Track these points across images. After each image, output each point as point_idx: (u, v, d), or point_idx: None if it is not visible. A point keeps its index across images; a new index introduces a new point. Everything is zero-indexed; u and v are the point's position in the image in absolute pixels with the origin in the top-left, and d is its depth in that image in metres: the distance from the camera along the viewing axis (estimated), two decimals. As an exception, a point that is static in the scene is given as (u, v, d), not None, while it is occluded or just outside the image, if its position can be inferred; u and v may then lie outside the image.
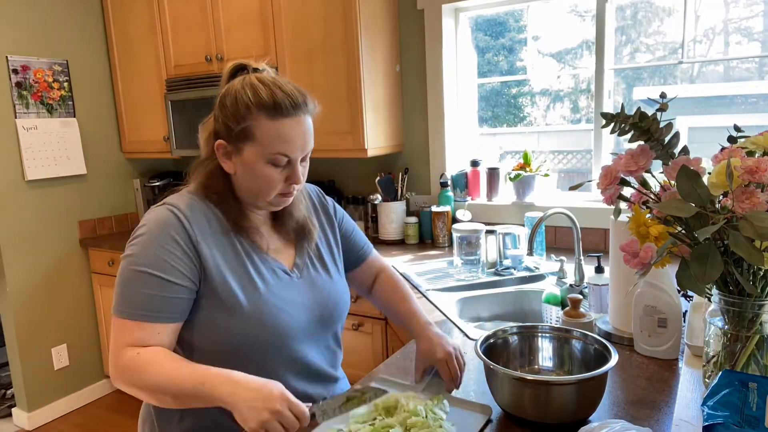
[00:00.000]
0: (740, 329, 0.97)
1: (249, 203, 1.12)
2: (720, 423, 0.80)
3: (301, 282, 1.15)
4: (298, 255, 1.18)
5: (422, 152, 2.74)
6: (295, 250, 1.19)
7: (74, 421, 3.07)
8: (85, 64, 3.17)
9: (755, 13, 2.20)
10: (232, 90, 1.05)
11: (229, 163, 1.07)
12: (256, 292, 1.06)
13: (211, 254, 1.04)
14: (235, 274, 1.06)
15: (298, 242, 1.19)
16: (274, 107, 1.01)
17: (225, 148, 1.06)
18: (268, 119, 1.02)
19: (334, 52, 2.45)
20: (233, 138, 1.04)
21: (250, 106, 1.02)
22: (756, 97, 2.32)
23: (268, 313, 1.06)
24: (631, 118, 1.00)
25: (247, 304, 1.05)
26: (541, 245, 2.24)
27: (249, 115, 1.02)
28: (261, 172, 1.04)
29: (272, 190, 1.06)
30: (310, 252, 1.20)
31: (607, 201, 1.06)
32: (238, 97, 1.03)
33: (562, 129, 2.72)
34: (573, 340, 1.16)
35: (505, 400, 1.06)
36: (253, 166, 1.04)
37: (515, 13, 2.64)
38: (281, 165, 1.05)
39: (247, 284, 1.06)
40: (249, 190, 1.08)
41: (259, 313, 1.05)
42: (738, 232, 0.82)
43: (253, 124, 1.02)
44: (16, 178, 2.89)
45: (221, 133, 1.06)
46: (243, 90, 1.03)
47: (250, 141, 1.03)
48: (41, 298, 3.03)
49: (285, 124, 1.02)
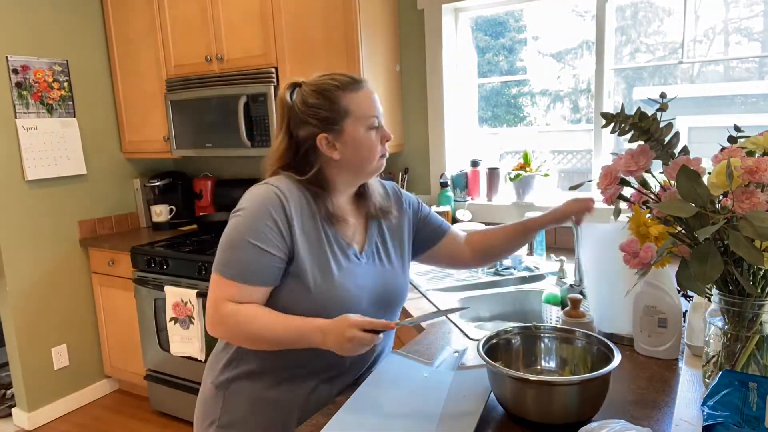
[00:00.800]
0: (740, 329, 0.97)
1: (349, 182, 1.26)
2: (720, 423, 0.80)
3: (367, 266, 1.27)
4: (367, 241, 1.30)
5: (422, 152, 2.75)
6: (366, 235, 1.30)
7: (74, 421, 3.07)
8: (85, 64, 3.17)
9: (755, 13, 2.20)
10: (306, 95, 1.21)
11: (335, 151, 1.21)
12: (329, 275, 1.19)
13: (301, 234, 1.18)
14: (316, 257, 1.19)
15: (369, 228, 1.31)
16: (352, 83, 1.20)
17: (326, 139, 1.20)
18: (354, 93, 1.20)
19: (334, 51, 2.45)
20: (331, 123, 1.19)
21: (337, 90, 1.19)
22: (756, 97, 2.32)
23: (336, 293, 1.20)
24: (631, 118, 1.00)
25: (320, 284, 1.18)
26: (541, 245, 2.24)
27: (339, 97, 1.19)
28: (365, 139, 1.21)
29: (376, 152, 1.23)
30: (377, 240, 1.32)
31: (607, 201, 1.06)
32: (322, 90, 1.20)
33: (562, 129, 2.72)
34: (575, 340, 1.16)
35: (507, 400, 1.06)
36: (357, 137, 1.20)
37: (515, 13, 2.64)
38: (375, 127, 1.22)
39: (323, 267, 1.19)
40: (356, 163, 1.22)
41: (329, 293, 1.19)
42: (738, 232, 0.82)
43: (345, 102, 1.19)
44: (16, 178, 2.89)
45: (318, 127, 1.20)
46: (319, 88, 1.20)
47: (348, 117, 1.19)
48: (41, 298, 3.03)
49: (366, 93, 1.22)
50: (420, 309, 1.76)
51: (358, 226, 1.30)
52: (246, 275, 1.14)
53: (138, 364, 3.10)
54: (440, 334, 1.54)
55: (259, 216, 1.15)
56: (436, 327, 1.59)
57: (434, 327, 1.60)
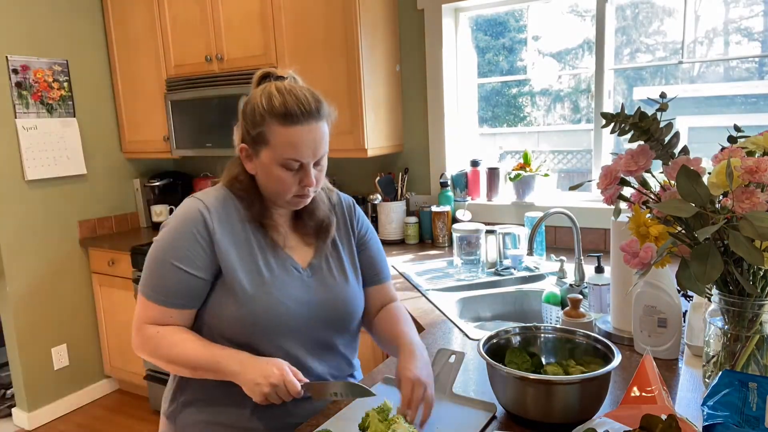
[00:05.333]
0: (740, 329, 0.97)
1: (271, 201, 1.19)
2: (720, 423, 0.80)
3: (312, 282, 1.21)
4: (315, 255, 1.23)
5: (422, 152, 2.75)
6: (314, 250, 1.24)
7: (74, 421, 3.07)
8: (85, 64, 3.17)
9: (755, 13, 2.20)
10: (252, 97, 1.14)
11: (250, 164, 1.16)
12: (261, 283, 1.14)
13: (227, 248, 1.13)
14: (246, 266, 1.14)
15: (318, 243, 1.24)
16: (285, 115, 1.08)
17: (246, 151, 1.15)
18: (279, 126, 1.09)
19: (334, 51, 2.45)
20: (251, 142, 1.13)
21: (264, 114, 1.10)
22: (756, 97, 2.32)
23: (271, 301, 1.13)
24: (631, 118, 1.00)
25: (252, 292, 1.13)
26: (541, 245, 2.24)
27: (263, 122, 1.10)
28: (276, 175, 1.12)
29: (287, 191, 1.14)
30: (328, 254, 1.25)
31: (607, 201, 1.06)
32: (255, 105, 1.11)
33: (562, 129, 2.72)
34: (575, 340, 1.16)
35: (508, 399, 1.06)
36: (269, 169, 1.13)
37: (515, 13, 2.64)
38: (294, 169, 1.12)
39: (254, 275, 1.14)
40: (269, 190, 1.16)
41: (262, 300, 1.13)
42: (738, 232, 0.82)
43: (266, 130, 1.10)
44: (16, 178, 2.89)
45: (244, 136, 1.15)
46: (260, 98, 1.11)
47: (265, 146, 1.11)
48: (41, 298, 3.03)
49: (296, 131, 1.09)
50: (420, 309, 1.76)
51: (303, 238, 1.23)
52: (169, 298, 1.11)
53: (138, 364, 3.10)
54: (440, 334, 1.54)
55: (180, 235, 1.11)
56: (436, 327, 1.59)
57: (434, 327, 1.60)
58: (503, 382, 1.05)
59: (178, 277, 1.10)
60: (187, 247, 1.11)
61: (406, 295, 1.89)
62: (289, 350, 1.15)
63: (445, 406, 1.13)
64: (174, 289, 1.11)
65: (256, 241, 1.17)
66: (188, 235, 1.11)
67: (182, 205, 1.17)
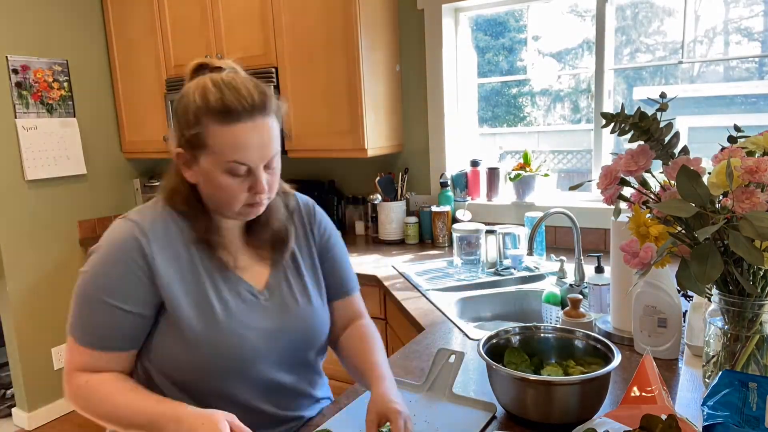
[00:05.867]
0: (740, 329, 0.97)
1: (218, 213, 1.04)
2: (720, 423, 0.80)
3: (270, 305, 1.06)
4: (272, 273, 1.09)
5: (422, 152, 2.75)
6: (270, 267, 1.09)
7: (74, 421, 3.07)
8: (85, 64, 3.17)
9: (755, 13, 2.20)
10: (185, 93, 0.97)
11: (190, 172, 0.99)
12: (212, 319, 0.99)
13: (169, 279, 0.97)
14: (192, 298, 0.99)
15: (275, 258, 1.09)
16: (224, 111, 0.92)
17: (183, 157, 0.98)
18: (218, 125, 0.92)
19: (334, 51, 2.45)
20: (187, 146, 0.96)
21: (198, 112, 0.93)
22: (756, 97, 2.32)
23: (226, 342, 0.99)
24: (631, 118, 1.00)
25: (202, 332, 0.98)
26: (541, 245, 2.24)
27: (199, 122, 0.93)
28: (220, 183, 0.96)
29: (235, 201, 0.98)
30: (287, 270, 1.11)
31: (607, 201, 1.06)
32: (188, 102, 0.95)
33: (562, 129, 2.72)
34: (575, 340, 1.16)
35: (507, 400, 1.06)
36: (211, 177, 0.96)
37: (515, 13, 2.64)
38: (240, 174, 0.96)
39: (204, 309, 0.99)
40: (212, 201, 1.01)
41: (215, 341, 0.98)
42: (738, 232, 0.82)
43: (203, 131, 0.93)
44: (16, 178, 2.89)
45: (179, 140, 0.98)
46: (193, 94, 0.95)
47: (204, 149, 0.94)
48: (41, 298, 3.03)
49: (238, 130, 0.92)
50: (420, 309, 1.76)
51: (257, 253, 1.09)
52: (103, 341, 0.95)
53: (138, 364, 3.10)
54: (440, 334, 1.54)
55: (112, 266, 0.95)
56: (436, 327, 1.59)
57: (434, 327, 1.60)
58: (503, 382, 1.05)
59: (111, 315, 0.94)
60: (120, 279, 0.94)
61: (406, 295, 1.89)
62: (239, 394, 1.02)
63: (445, 406, 1.13)
64: (107, 330, 0.95)
65: (203, 266, 1.01)
66: (122, 266, 0.95)
67: (112, 228, 0.99)
